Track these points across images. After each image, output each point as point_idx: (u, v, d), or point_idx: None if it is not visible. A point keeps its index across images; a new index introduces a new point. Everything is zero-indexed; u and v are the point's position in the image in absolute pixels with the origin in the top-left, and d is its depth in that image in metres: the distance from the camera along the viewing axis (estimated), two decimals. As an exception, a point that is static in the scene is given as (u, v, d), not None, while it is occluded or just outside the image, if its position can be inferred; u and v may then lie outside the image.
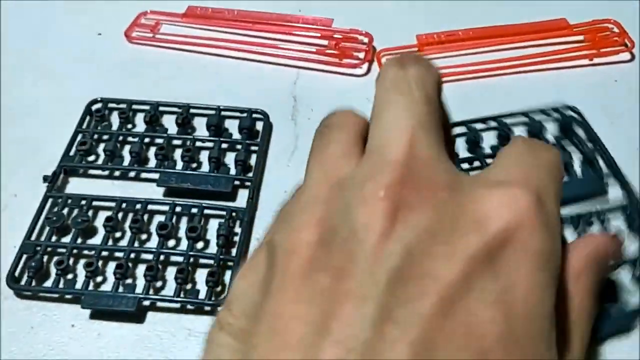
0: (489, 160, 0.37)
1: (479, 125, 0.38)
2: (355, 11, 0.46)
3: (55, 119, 0.39)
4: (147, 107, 0.39)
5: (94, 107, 0.39)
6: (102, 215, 0.34)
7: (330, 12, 0.44)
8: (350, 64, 0.42)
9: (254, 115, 0.38)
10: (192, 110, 0.38)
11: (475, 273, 0.15)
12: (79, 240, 0.33)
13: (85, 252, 0.33)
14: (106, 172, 0.37)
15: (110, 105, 0.39)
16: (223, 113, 0.38)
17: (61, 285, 0.31)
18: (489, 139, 0.37)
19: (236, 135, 0.38)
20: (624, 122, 0.39)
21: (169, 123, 0.38)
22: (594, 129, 0.37)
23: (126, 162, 0.36)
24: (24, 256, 0.32)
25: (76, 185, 0.36)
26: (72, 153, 0.37)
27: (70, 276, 0.32)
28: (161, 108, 0.39)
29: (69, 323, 0.31)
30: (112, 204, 0.34)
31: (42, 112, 0.40)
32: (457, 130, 0.38)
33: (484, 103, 0.39)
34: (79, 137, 0.37)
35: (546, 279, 0.16)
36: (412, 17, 0.45)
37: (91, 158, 0.37)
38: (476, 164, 0.37)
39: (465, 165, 0.37)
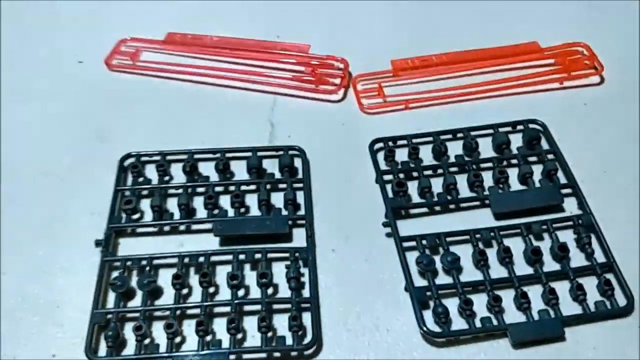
0: (452, 169, 0.38)
1: (445, 137, 0.39)
2: (332, 37, 0.47)
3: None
4: (183, 157, 0.38)
5: (127, 162, 0.38)
6: (163, 273, 0.33)
7: (307, 38, 0.45)
8: (326, 90, 0.42)
9: (291, 152, 0.38)
10: (228, 155, 0.38)
11: None
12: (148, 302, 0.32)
13: (158, 313, 0.31)
14: (155, 229, 0.35)
15: (143, 158, 0.38)
16: (259, 153, 0.38)
17: (142, 350, 0.30)
18: (454, 150, 0.39)
19: (277, 175, 0.37)
20: (592, 145, 0.39)
21: (207, 170, 0.38)
22: (563, 152, 0.38)
23: (173, 216, 0.35)
24: (96, 326, 0.31)
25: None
26: (116, 213, 0.35)
27: (147, 341, 0.30)
28: (197, 155, 0.38)
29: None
30: (175, 260, 0.32)
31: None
32: (424, 140, 0.39)
33: (457, 127, 0.40)
34: (119, 195, 0.36)
35: None
36: (387, 43, 0.46)
37: (136, 215, 0.36)
38: (439, 171, 0.38)
39: (428, 172, 0.37)
